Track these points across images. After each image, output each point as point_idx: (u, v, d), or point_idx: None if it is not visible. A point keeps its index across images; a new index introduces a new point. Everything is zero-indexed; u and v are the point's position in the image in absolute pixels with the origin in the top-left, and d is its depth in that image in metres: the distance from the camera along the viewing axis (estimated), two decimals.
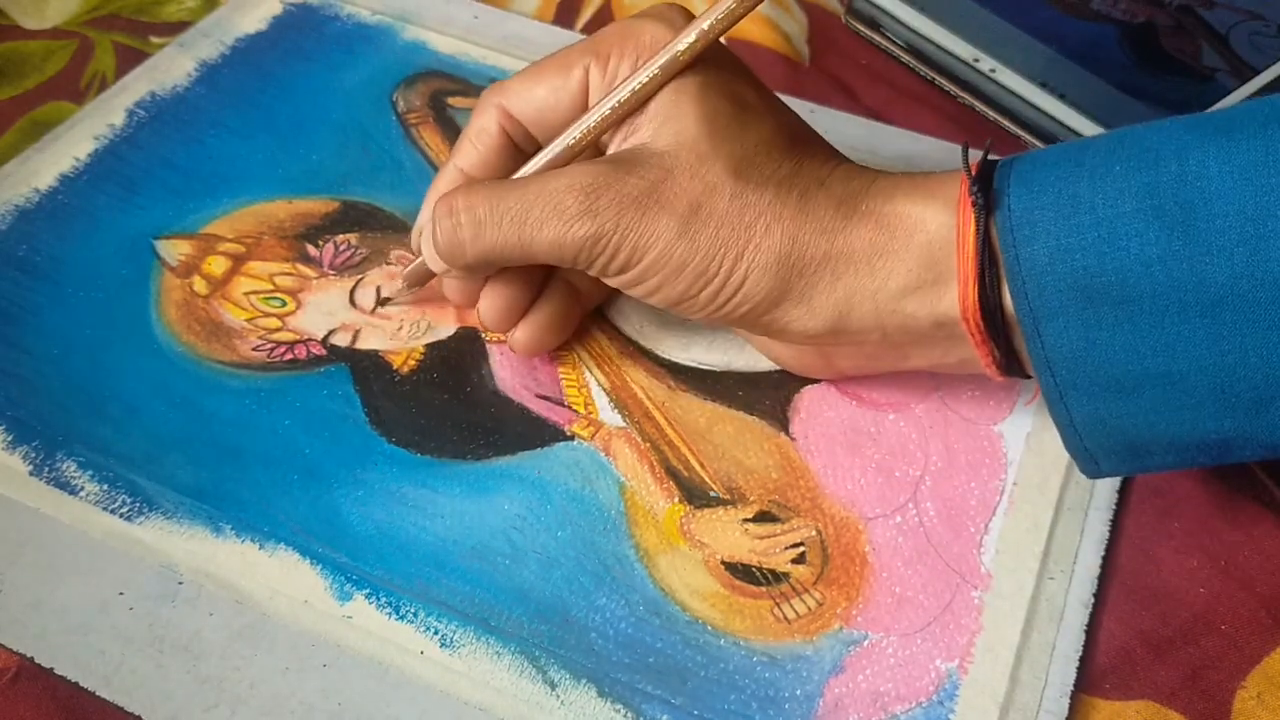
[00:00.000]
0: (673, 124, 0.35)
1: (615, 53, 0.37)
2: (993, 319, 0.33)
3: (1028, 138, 0.48)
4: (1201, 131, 0.30)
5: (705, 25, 0.35)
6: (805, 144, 0.37)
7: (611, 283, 0.37)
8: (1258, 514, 0.37)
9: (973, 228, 0.32)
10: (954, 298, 0.33)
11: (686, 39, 0.35)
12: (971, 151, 0.34)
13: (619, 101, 0.36)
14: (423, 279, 0.41)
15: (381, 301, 0.42)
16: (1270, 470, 0.38)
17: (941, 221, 0.33)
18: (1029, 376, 0.34)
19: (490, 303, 0.39)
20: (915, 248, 0.33)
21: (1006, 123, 0.48)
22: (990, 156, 0.34)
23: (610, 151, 0.37)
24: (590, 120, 0.37)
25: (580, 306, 0.41)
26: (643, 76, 0.35)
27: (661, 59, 0.35)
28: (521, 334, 0.40)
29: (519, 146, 0.39)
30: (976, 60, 0.49)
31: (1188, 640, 0.35)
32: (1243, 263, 0.29)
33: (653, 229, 0.34)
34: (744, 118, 0.36)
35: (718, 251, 0.34)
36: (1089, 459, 0.34)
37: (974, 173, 0.33)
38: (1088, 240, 0.30)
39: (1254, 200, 0.29)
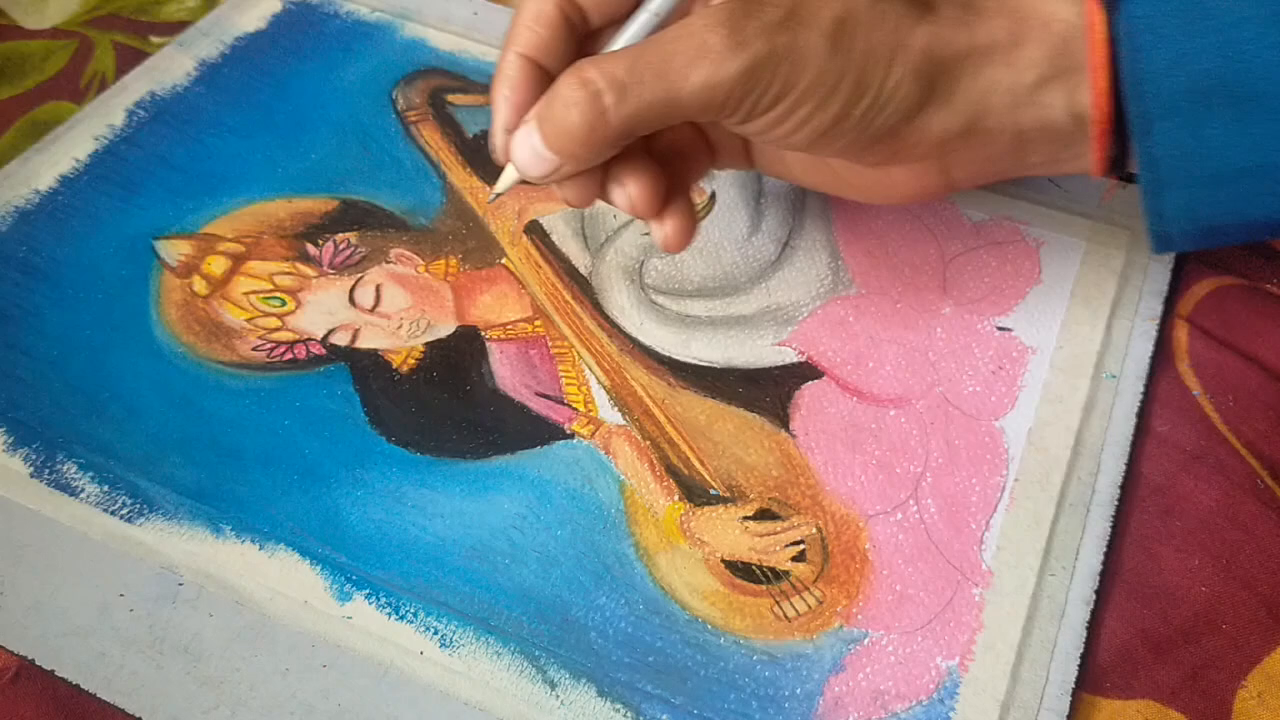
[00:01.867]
0: None
1: None
2: (1118, 108, 0.35)
3: None
4: None
5: None
6: None
7: (754, 127, 0.34)
8: (1259, 514, 0.37)
9: (1102, 16, 0.34)
10: (1086, 87, 0.35)
11: None
12: None
13: None
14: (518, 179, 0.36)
15: (493, 197, 0.37)
16: (1272, 471, 0.38)
17: (1075, 10, 0.35)
18: (1121, 177, 0.37)
19: (639, 185, 0.35)
20: (1051, 38, 0.35)
21: None
22: None
23: None
24: None
25: (689, 175, 0.39)
26: None
27: None
28: (672, 226, 0.36)
29: (576, 31, 0.36)
30: None
31: (1189, 639, 0.35)
32: None
33: (804, 48, 0.33)
34: None
35: (870, 61, 0.33)
36: (1164, 239, 0.37)
37: None
38: (1209, 44, 0.32)
39: None
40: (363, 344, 0.41)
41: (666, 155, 0.37)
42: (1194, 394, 0.40)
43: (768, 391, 0.40)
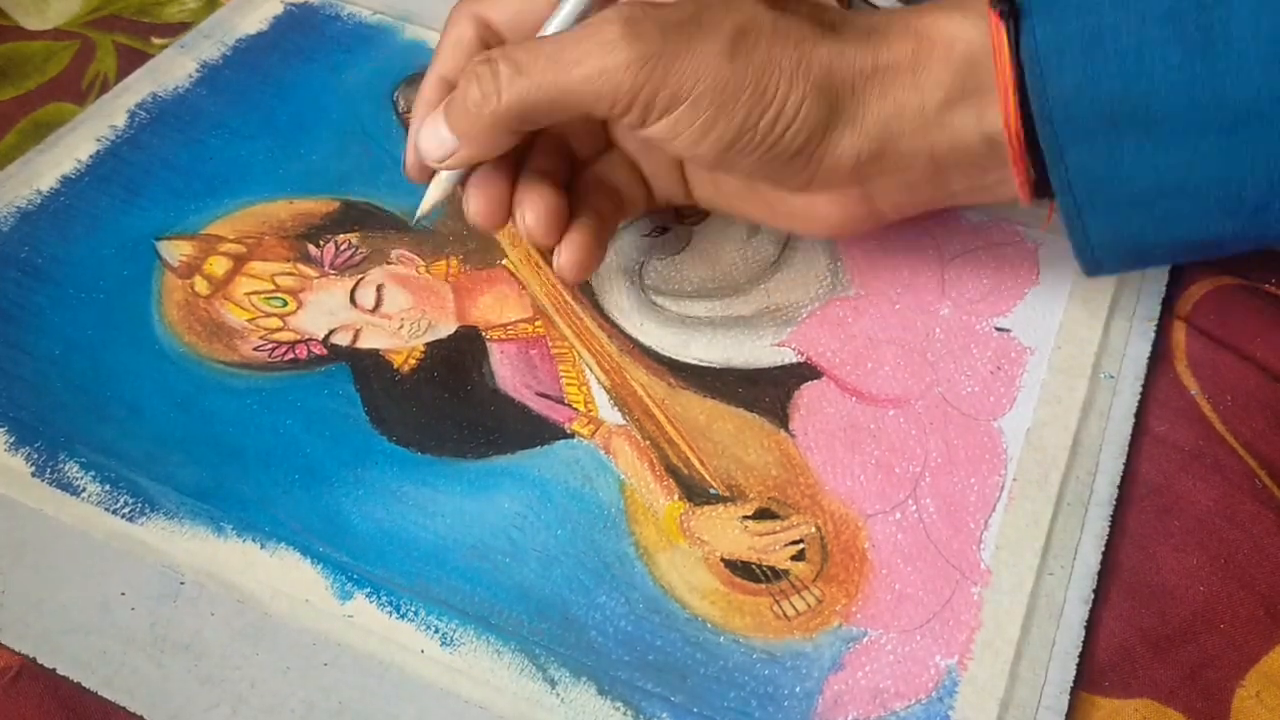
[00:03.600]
0: None
1: None
2: (1031, 128, 0.34)
3: None
4: None
5: None
6: None
7: (656, 131, 0.35)
8: (1257, 513, 0.37)
9: (1006, 38, 0.33)
10: (997, 109, 0.34)
11: None
12: None
13: None
14: (443, 193, 0.39)
15: (420, 218, 0.39)
16: (1269, 470, 0.38)
17: (978, 31, 0.34)
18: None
19: (533, 208, 0.37)
20: (955, 59, 0.34)
21: None
22: None
23: None
24: None
25: (617, 213, 0.40)
26: None
27: None
28: (567, 256, 0.38)
29: None
30: None
31: (1187, 638, 0.35)
32: (1261, 83, 0.31)
33: (701, 51, 0.33)
34: None
35: (771, 72, 0.34)
36: (1094, 263, 0.37)
37: None
38: (1113, 69, 0.32)
39: (1271, 23, 0.30)
40: (364, 344, 0.41)
41: (598, 190, 0.39)
42: (1191, 394, 0.40)
43: (767, 392, 0.40)
